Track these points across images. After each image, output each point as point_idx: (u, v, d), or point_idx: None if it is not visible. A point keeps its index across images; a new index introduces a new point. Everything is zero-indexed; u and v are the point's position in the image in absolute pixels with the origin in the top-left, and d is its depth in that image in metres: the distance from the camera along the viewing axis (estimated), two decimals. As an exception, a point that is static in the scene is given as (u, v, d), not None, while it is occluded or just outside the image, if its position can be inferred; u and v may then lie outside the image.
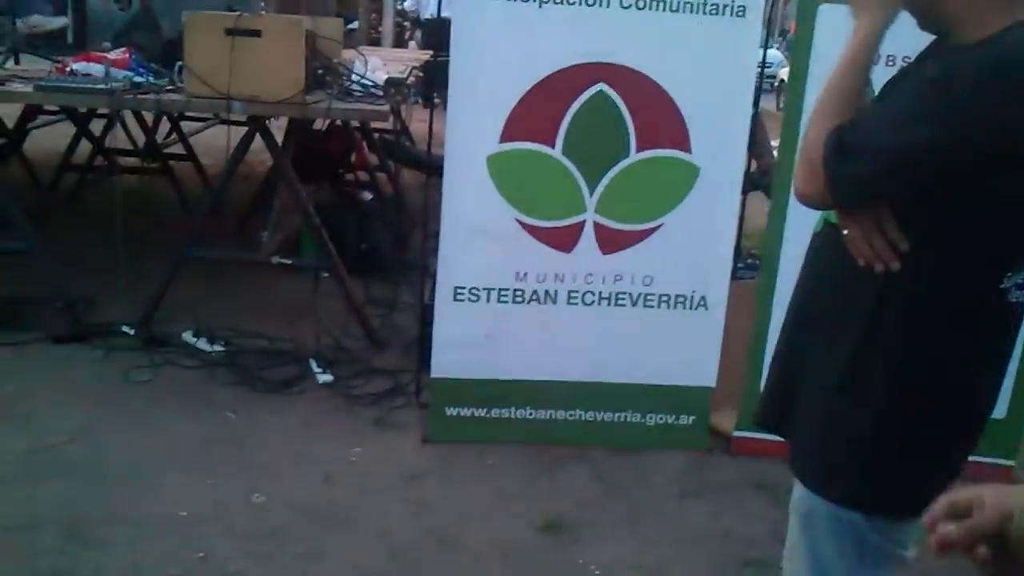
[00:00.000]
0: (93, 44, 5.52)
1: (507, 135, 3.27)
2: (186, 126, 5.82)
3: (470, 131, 3.27)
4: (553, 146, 3.27)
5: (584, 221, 3.35)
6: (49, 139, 6.34)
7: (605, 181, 3.32)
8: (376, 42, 13.68)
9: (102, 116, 5.08)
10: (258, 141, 4.29)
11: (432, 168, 3.96)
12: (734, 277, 3.59)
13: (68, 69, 4.11)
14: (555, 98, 3.24)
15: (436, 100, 8.00)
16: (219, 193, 4.48)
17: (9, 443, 3.25)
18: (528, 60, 3.22)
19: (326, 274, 4.38)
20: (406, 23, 15.13)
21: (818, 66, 3.16)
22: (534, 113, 3.25)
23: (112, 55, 4.23)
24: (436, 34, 9.47)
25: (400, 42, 14.12)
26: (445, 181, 3.33)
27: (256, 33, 3.84)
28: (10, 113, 5.47)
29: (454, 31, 3.20)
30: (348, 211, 5.28)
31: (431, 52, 7.46)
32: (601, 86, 3.25)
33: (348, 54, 4.79)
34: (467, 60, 3.22)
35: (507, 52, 3.21)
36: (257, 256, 4.43)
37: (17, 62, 4.58)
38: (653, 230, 3.41)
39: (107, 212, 4.06)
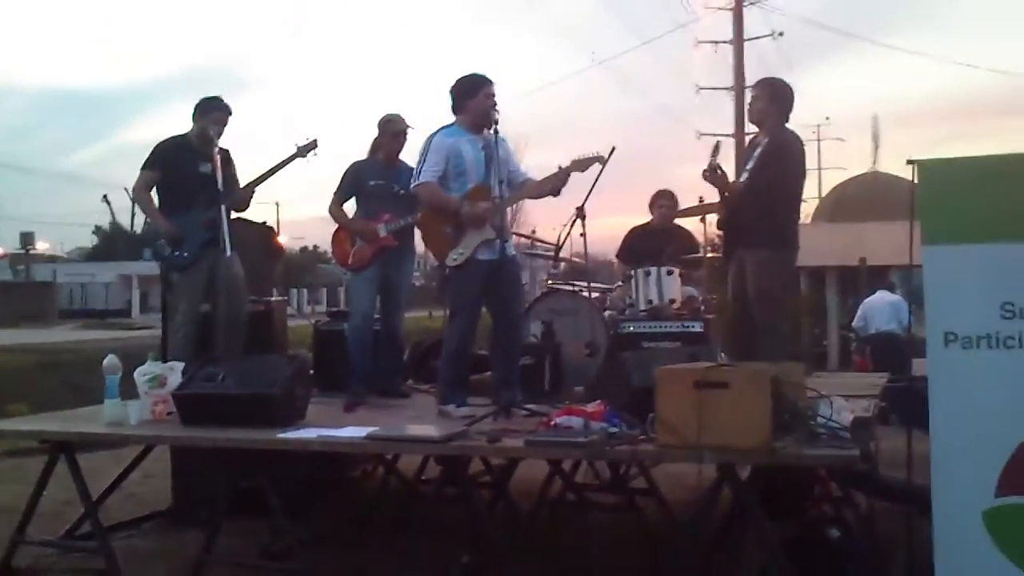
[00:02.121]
0: (566, 387, 6.10)
1: (1004, 488, 3.04)
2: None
3: (960, 485, 3.09)
4: (1062, 499, 2.98)
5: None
6: (525, 471, 6.89)
7: None
8: (821, 358, 13.62)
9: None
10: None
11: (915, 501, 3.74)
12: None
13: (553, 423, 4.52)
14: (1057, 446, 2.99)
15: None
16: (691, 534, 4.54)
17: None
18: (1022, 406, 3.03)
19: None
20: (851, 335, 14.97)
21: None
22: (1034, 463, 3.01)
23: (589, 407, 4.60)
24: (886, 352, 9.27)
25: (846, 358, 13.91)
26: (936, 538, 3.13)
27: (723, 385, 4.00)
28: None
29: (931, 381, 3.13)
30: (815, 551, 5.07)
31: (887, 375, 7.24)
32: (1110, 431, 2.95)
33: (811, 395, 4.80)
34: (949, 410, 3.12)
35: (995, 399, 3.07)
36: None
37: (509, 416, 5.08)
38: None
39: (575, 548, 4.23)
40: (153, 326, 17.95)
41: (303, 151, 6.06)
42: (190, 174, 5.83)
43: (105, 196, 58.94)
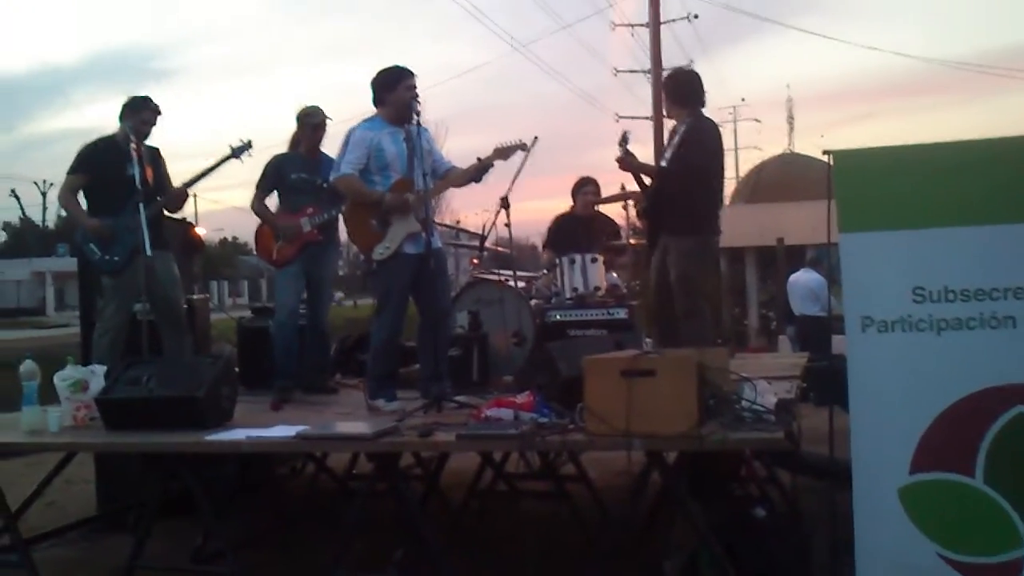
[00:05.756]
0: (495, 377, 6.11)
1: (918, 466, 3.15)
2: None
3: (877, 463, 3.20)
4: (972, 476, 3.10)
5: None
6: (456, 461, 6.90)
7: (1043, 512, 3.06)
8: (742, 336, 13.87)
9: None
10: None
11: (836, 477, 3.86)
12: None
13: (483, 415, 4.54)
14: (967, 425, 3.12)
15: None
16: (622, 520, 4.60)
17: None
18: (933, 387, 3.16)
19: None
20: (771, 314, 15.28)
21: None
22: (945, 441, 3.14)
23: (519, 398, 4.62)
24: (809, 332, 9.49)
25: (768, 336, 14.20)
26: (856, 515, 3.23)
27: (650, 373, 4.06)
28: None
29: (850, 365, 3.22)
30: (742, 531, 5.18)
31: (807, 356, 7.41)
32: (1021, 408, 3.08)
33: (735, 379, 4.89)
34: (866, 392, 3.21)
35: (909, 381, 3.17)
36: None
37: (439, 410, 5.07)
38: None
39: (508, 537, 4.25)
40: (70, 324, 17.48)
41: (237, 152, 5.97)
42: (118, 177, 5.68)
43: (13, 191, 57.25)
